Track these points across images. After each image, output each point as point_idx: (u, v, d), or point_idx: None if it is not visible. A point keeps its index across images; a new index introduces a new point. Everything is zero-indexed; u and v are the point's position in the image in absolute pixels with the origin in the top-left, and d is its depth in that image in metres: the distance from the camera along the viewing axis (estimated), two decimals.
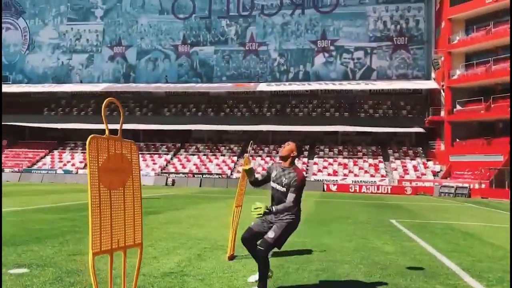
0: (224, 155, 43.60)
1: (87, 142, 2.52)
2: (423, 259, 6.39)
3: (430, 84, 41.60)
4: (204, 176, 39.54)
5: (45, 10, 52.78)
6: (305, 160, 41.52)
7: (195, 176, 39.68)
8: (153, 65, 50.43)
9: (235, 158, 42.69)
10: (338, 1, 46.70)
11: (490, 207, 20.16)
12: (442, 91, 39.56)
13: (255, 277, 4.52)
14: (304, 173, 3.57)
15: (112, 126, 2.72)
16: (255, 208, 4.16)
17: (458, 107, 37.55)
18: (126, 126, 40.23)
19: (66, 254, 5.93)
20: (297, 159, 4.64)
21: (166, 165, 42.41)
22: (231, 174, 39.83)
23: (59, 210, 12.01)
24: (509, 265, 6.12)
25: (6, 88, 48.97)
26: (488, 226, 11.60)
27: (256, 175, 4.78)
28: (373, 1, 45.88)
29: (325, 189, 35.16)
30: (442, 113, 38.97)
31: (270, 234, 4.23)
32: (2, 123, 45.27)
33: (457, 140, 37.51)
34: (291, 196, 4.23)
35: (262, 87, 45.45)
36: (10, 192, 19.27)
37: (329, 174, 38.46)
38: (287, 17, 47.94)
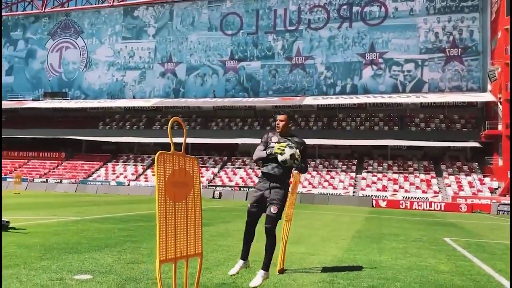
0: None
1: (156, 158, 2.73)
2: (481, 279, 6.13)
3: (486, 97, 39.72)
4: (250, 189, 39.81)
5: (101, 30, 56.02)
6: (353, 174, 40.77)
7: (241, 189, 40.07)
8: (202, 81, 51.89)
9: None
10: (387, 13, 46.03)
11: None
12: (499, 103, 37.64)
13: (234, 270, 4.74)
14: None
15: (159, 140, 2.91)
16: (279, 148, 4.61)
17: None
18: (176, 140, 41.47)
19: (124, 262, 6.25)
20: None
21: (213, 178, 43.17)
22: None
23: (115, 220, 12.61)
24: None
25: (65, 104, 52.31)
26: None
27: (262, 152, 5.10)
28: (423, 12, 44.80)
29: (374, 205, 34.26)
30: (500, 127, 37.01)
31: (273, 210, 4.60)
32: (64, 137, 48.33)
33: None
34: (304, 158, 4.71)
35: (309, 100, 45.39)
36: (68, 203, 20.46)
37: (378, 190, 37.47)
38: (334, 30, 47.82)
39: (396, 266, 6.97)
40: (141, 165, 47.27)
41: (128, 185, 43.05)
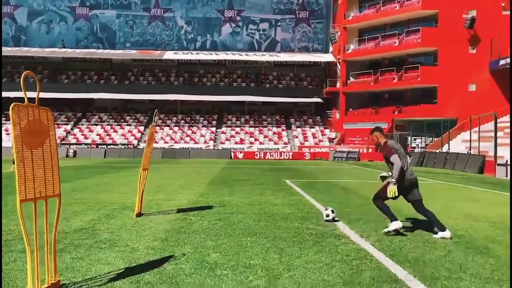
0: (129, 125, 42.59)
1: (11, 109, 2.99)
2: (304, 208, 7.69)
3: (328, 57, 44.63)
4: (108, 147, 38.43)
5: None
6: (213, 129, 42.40)
7: (99, 147, 38.39)
8: (47, 28, 46.55)
9: (141, 128, 41.98)
10: None
11: (371, 168, 23.09)
12: (338, 64, 42.77)
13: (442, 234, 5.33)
14: (390, 143, 4.62)
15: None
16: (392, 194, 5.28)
17: (352, 79, 41.07)
18: (19, 94, 36.96)
19: None
20: (383, 137, 5.95)
21: (66, 136, 40.25)
22: (138, 144, 39.27)
23: None
24: (367, 209, 7.66)
25: None
26: (364, 182, 13.64)
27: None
28: None
29: (232, 157, 36.56)
30: (338, 85, 42.31)
31: (418, 195, 5.43)
32: None
33: (350, 109, 41.22)
34: (392, 165, 5.34)
35: (169, 55, 44.74)
36: None
37: (236, 143, 39.89)
38: None
39: (241, 203, 8.18)
40: None
41: None
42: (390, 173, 5.57)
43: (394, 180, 5.26)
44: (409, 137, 34.27)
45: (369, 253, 4.50)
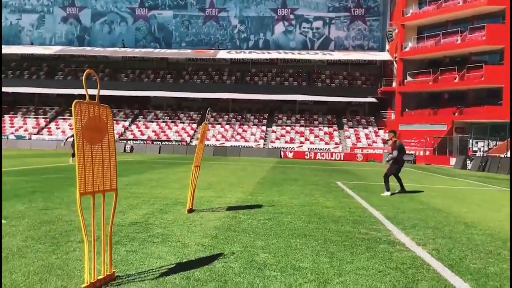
0: (183, 122, 43.79)
1: (73, 105, 3.13)
2: (356, 211, 7.47)
3: (384, 56, 43.26)
4: (163, 143, 39.74)
5: None
6: (263, 128, 42.55)
7: (154, 143, 39.81)
8: (109, 28, 48.91)
9: (194, 126, 43.02)
10: None
11: (429, 172, 22.07)
12: (394, 62, 41.34)
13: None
14: (398, 142, 8.61)
15: (62, 91, 3.31)
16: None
17: (409, 78, 39.53)
18: (81, 91, 39.15)
19: (37, 209, 6.47)
20: (395, 138, 10.49)
21: (124, 132, 42.12)
22: (191, 141, 40.27)
23: (19, 173, 12.25)
24: (424, 215, 7.30)
25: None
26: (421, 186, 13.04)
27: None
28: None
29: (282, 156, 36.49)
30: (394, 84, 40.89)
31: (399, 172, 10.87)
32: None
33: (407, 110, 39.70)
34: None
35: (222, 54, 45.45)
36: None
37: (286, 142, 39.78)
38: None
39: (290, 203, 8.10)
40: (43, 118, 44.23)
41: (29, 139, 40.27)
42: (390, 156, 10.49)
43: (391, 161, 10.47)
44: (470, 140, 32.40)
45: (426, 262, 4.26)
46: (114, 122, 33.64)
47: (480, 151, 30.77)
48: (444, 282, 3.68)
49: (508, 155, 24.82)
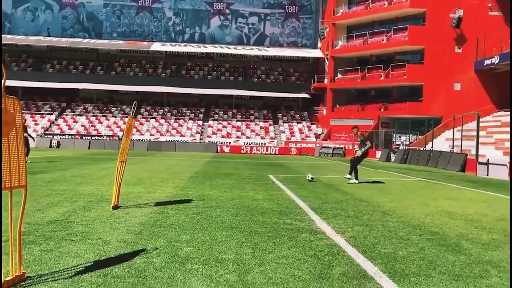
0: (115, 116, 42.16)
1: None
2: (284, 202, 7.70)
3: (317, 53, 44.69)
4: (93, 138, 38.00)
5: None
6: (200, 122, 42.21)
7: (84, 138, 37.94)
8: (32, 16, 45.67)
9: (127, 120, 41.51)
10: None
11: None
12: (326, 60, 42.87)
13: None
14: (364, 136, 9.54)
15: None
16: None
17: (339, 75, 41.22)
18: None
19: None
20: (359, 133, 12.46)
21: (50, 126, 39.67)
22: (123, 135, 38.83)
23: None
24: (346, 205, 7.70)
25: None
26: (346, 178, 13.69)
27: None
28: None
29: (219, 151, 36.47)
30: (326, 81, 42.43)
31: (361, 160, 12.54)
32: None
33: (337, 105, 41.42)
34: (365, 145, 12.15)
35: (157, 46, 44.30)
36: None
37: (223, 136, 39.80)
38: None
39: (221, 197, 8.15)
40: None
41: None
42: (358, 147, 12.22)
43: (360, 152, 11.98)
44: (394, 134, 34.59)
45: (342, 249, 4.51)
46: (39, 116, 31.46)
47: (402, 145, 32.97)
48: (356, 267, 3.92)
49: (427, 148, 26.84)
